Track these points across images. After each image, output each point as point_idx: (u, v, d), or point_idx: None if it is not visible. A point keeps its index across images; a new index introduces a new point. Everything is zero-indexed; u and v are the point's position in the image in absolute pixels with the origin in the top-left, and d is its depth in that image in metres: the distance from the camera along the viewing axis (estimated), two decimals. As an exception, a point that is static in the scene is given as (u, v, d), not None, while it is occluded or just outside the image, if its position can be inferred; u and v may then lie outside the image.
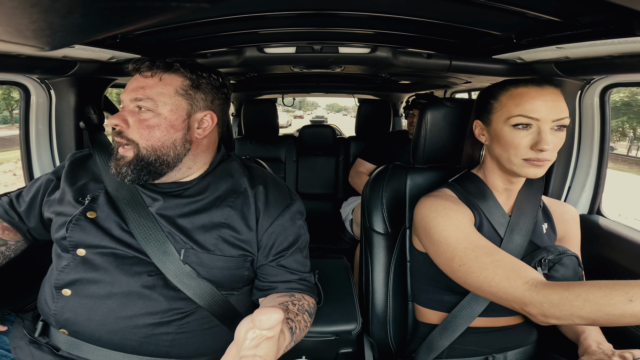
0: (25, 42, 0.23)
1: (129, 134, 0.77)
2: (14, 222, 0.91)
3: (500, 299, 0.72)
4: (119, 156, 0.79)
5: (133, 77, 0.81)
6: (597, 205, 1.28)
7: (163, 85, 0.78)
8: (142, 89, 0.77)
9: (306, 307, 0.80)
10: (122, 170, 0.78)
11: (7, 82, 1.18)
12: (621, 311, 0.58)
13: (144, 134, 0.77)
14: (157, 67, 0.78)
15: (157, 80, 0.78)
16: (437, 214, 0.82)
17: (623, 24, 0.69)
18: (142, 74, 0.79)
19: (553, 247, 0.85)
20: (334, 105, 58.55)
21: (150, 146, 0.78)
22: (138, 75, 0.79)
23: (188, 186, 0.83)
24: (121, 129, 0.77)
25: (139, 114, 0.78)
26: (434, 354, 0.90)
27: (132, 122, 0.77)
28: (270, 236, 0.84)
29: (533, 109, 0.77)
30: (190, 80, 0.80)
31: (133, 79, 0.80)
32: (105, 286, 0.75)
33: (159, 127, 0.78)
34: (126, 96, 0.78)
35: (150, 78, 0.78)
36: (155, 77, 0.78)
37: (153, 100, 0.77)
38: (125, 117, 0.77)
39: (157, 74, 0.78)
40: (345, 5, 0.88)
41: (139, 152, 0.77)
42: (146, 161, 0.78)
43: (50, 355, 0.77)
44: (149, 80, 0.78)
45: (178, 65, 0.79)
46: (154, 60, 0.79)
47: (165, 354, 0.77)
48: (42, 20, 0.19)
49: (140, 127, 0.77)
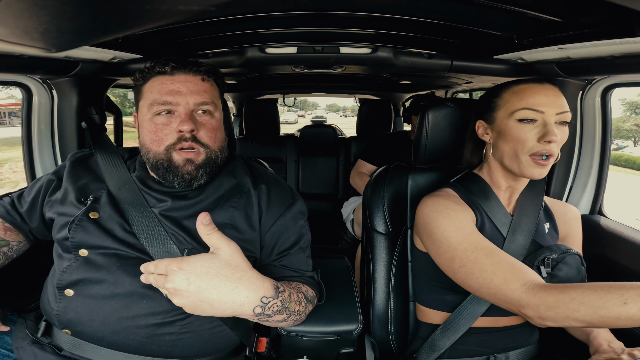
0: (33, 44, 0.23)
1: (201, 138, 0.79)
2: (15, 223, 0.91)
3: (498, 301, 0.72)
4: (187, 160, 0.78)
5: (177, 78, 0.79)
6: (598, 206, 1.28)
7: (214, 90, 0.83)
8: (206, 93, 0.80)
9: (302, 290, 0.80)
10: (198, 174, 0.79)
11: (10, 82, 1.18)
12: (616, 314, 0.58)
13: (212, 137, 0.81)
14: (212, 73, 0.83)
15: (211, 84, 0.82)
16: (439, 213, 0.82)
17: (624, 24, 0.69)
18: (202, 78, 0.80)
19: (556, 246, 0.85)
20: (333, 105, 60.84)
21: (217, 148, 0.82)
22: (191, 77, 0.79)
23: (193, 187, 0.84)
24: (195, 133, 0.78)
25: (200, 117, 0.80)
26: (436, 354, 0.90)
27: (198, 126, 0.79)
28: (272, 236, 0.84)
29: (536, 103, 0.78)
30: (224, 87, 0.87)
31: (183, 81, 0.79)
32: (108, 286, 0.75)
33: (220, 130, 0.83)
34: (186, 98, 0.78)
35: (207, 82, 0.81)
36: (210, 82, 0.82)
37: (215, 105, 0.81)
38: (195, 121, 0.78)
39: (211, 79, 0.82)
40: (346, 5, 0.88)
41: (210, 155, 0.80)
42: (215, 163, 0.82)
43: (53, 356, 0.77)
44: (206, 84, 0.81)
45: (221, 75, 0.86)
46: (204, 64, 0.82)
47: (168, 354, 0.77)
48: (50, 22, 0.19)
49: (207, 131, 0.80)
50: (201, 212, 0.80)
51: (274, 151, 2.70)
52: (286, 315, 0.72)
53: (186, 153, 0.78)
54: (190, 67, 0.80)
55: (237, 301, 0.62)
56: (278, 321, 0.73)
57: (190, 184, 0.80)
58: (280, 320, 0.72)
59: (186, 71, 0.79)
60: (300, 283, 0.83)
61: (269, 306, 0.67)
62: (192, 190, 0.83)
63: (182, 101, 0.77)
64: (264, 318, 0.68)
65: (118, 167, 0.86)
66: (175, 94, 0.77)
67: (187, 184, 0.80)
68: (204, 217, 0.62)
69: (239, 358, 0.90)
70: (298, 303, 0.76)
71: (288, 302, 0.72)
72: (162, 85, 0.78)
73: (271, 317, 0.69)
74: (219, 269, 0.61)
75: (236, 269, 0.63)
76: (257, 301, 0.64)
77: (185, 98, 0.78)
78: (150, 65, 0.80)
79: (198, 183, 0.80)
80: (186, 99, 0.78)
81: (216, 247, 0.63)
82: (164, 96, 0.77)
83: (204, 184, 0.84)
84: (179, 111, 0.78)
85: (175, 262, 0.60)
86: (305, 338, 0.89)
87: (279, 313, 0.70)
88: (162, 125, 0.78)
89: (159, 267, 0.61)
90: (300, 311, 0.76)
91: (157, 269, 0.62)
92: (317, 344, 0.91)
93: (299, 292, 0.78)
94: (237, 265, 0.63)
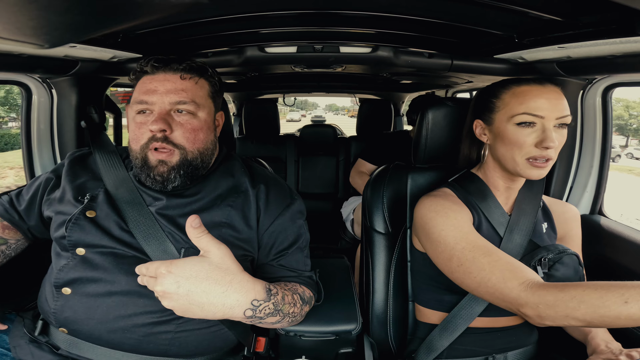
0: (25, 40, 0.23)
1: (175, 139, 0.77)
2: (14, 221, 0.91)
3: (497, 300, 0.72)
4: (160, 161, 0.77)
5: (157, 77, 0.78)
6: (598, 206, 1.27)
7: (199, 88, 0.80)
8: (184, 92, 0.77)
9: (299, 291, 0.80)
10: (170, 176, 0.77)
11: (9, 81, 1.18)
12: (616, 313, 0.58)
13: (190, 138, 0.78)
14: (195, 70, 0.80)
15: (193, 83, 0.79)
16: (436, 213, 0.82)
17: (625, 24, 0.69)
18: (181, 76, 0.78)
19: (553, 246, 0.84)
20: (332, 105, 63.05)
21: (196, 149, 0.79)
22: (170, 76, 0.78)
23: (190, 185, 0.83)
24: (167, 133, 0.76)
25: (178, 117, 0.77)
26: (434, 354, 0.90)
27: (173, 126, 0.77)
28: (270, 235, 0.84)
29: (537, 107, 0.77)
30: (215, 85, 0.84)
31: (162, 80, 0.77)
32: (105, 285, 0.75)
33: (201, 130, 0.80)
34: (162, 98, 0.76)
35: (188, 81, 0.79)
36: (192, 80, 0.79)
37: (195, 103, 0.78)
38: (168, 121, 0.76)
39: (194, 77, 0.79)
40: (346, 4, 0.88)
41: (186, 156, 0.78)
42: (193, 165, 0.79)
43: (50, 354, 0.77)
44: (187, 82, 0.78)
45: (211, 72, 0.83)
46: (187, 62, 0.79)
47: (164, 353, 0.77)
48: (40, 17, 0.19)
49: (185, 131, 0.77)
50: (198, 210, 0.80)
51: (274, 151, 2.70)
52: (280, 317, 0.72)
53: (159, 154, 0.76)
54: (172, 65, 0.78)
55: (227, 304, 0.62)
56: (272, 323, 0.72)
57: (164, 185, 0.78)
58: (273, 322, 0.72)
59: (166, 69, 0.78)
60: (298, 284, 0.83)
61: (260, 309, 0.66)
62: (188, 189, 0.83)
63: (157, 100, 0.76)
64: (257, 320, 0.68)
65: (116, 166, 0.86)
66: (151, 93, 0.76)
67: (159, 185, 0.78)
68: (193, 219, 0.60)
69: (237, 358, 0.89)
70: (293, 305, 0.75)
71: (281, 304, 0.72)
72: (143, 84, 0.78)
73: (264, 320, 0.69)
74: (208, 272, 0.60)
75: (226, 272, 0.62)
76: (247, 304, 0.64)
77: (161, 97, 0.76)
78: (139, 65, 0.80)
79: (172, 185, 0.78)
80: (162, 98, 0.76)
81: (206, 250, 0.62)
82: (142, 95, 0.77)
83: (204, 184, 0.84)
84: (154, 110, 0.77)
85: (165, 265, 0.60)
86: (303, 338, 0.89)
87: (271, 315, 0.69)
88: (139, 124, 0.77)
89: (149, 270, 0.61)
90: (295, 313, 0.76)
91: (148, 271, 0.61)
92: (315, 344, 0.91)
93: (294, 293, 0.77)
94: (227, 268, 0.62)
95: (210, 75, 0.83)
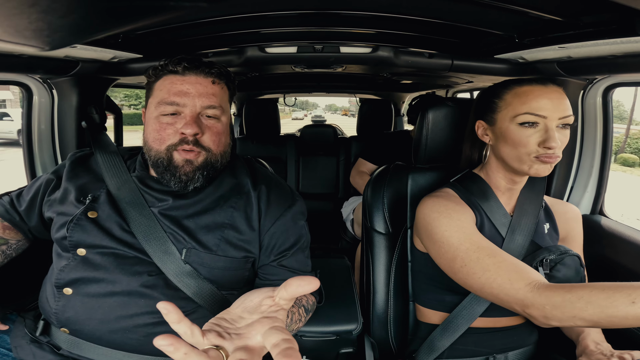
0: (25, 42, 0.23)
1: (204, 142, 0.78)
2: (14, 222, 0.92)
3: (501, 301, 0.72)
4: (186, 161, 0.77)
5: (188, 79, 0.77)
6: (599, 206, 1.27)
7: (224, 93, 0.82)
8: (214, 97, 0.78)
9: (303, 302, 0.80)
10: (195, 176, 0.78)
11: (10, 82, 1.18)
12: (624, 313, 0.58)
13: (216, 141, 0.79)
14: (224, 76, 0.81)
15: (220, 88, 0.81)
16: (440, 214, 0.82)
17: (626, 24, 0.69)
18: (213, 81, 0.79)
19: (554, 247, 0.84)
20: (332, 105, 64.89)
21: (220, 152, 0.81)
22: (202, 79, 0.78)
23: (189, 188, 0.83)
24: (198, 137, 0.77)
25: (206, 120, 0.78)
26: (435, 354, 0.90)
27: (203, 129, 0.78)
28: (272, 236, 0.84)
29: (539, 107, 0.77)
30: (234, 90, 0.86)
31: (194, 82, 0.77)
32: (107, 285, 0.75)
33: (224, 134, 0.82)
34: (193, 101, 0.76)
35: (217, 85, 0.80)
36: (220, 85, 0.80)
37: (222, 108, 0.80)
38: (200, 124, 0.77)
39: (222, 83, 0.81)
40: (346, 4, 0.88)
41: (210, 158, 0.79)
42: (214, 167, 0.80)
43: (51, 355, 0.78)
44: (216, 87, 0.80)
45: (233, 77, 0.84)
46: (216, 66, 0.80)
47: (164, 354, 0.77)
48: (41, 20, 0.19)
49: (212, 134, 0.78)
50: (201, 211, 0.80)
51: (274, 151, 2.70)
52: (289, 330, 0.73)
53: (186, 153, 0.77)
54: (202, 68, 0.78)
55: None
56: None
57: (187, 185, 0.79)
58: None
59: (197, 72, 0.78)
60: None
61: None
62: (191, 190, 0.83)
63: (189, 103, 0.76)
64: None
65: (118, 166, 0.86)
66: (183, 95, 0.76)
67: (183, 184, 0.79)
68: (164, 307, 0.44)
69: (238, 358, 0.89)
70: (299, 321, 0.76)
71: (290, 325, 0.72)
72: (172, 84, 0.77)
73: None
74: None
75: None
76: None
77: (193, 100, 0.76)
78: (164, 63, 0.79)
79: (194, 185, 0.79)
80: (194, 101, 0.76)
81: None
82: (172, 96, 0.76)
83: (207, 184, 0.84)
84: (185, 113, 0.77)
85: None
86: (304, 338, 0.89)
87: None
88: (166, 125, 0.77)
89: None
90: (300, 326, 0.77)
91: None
92: (316, 344, 0.91)
93: (300, 307, 0.78)
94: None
95: (232, 81, 0.85)
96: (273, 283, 0.85)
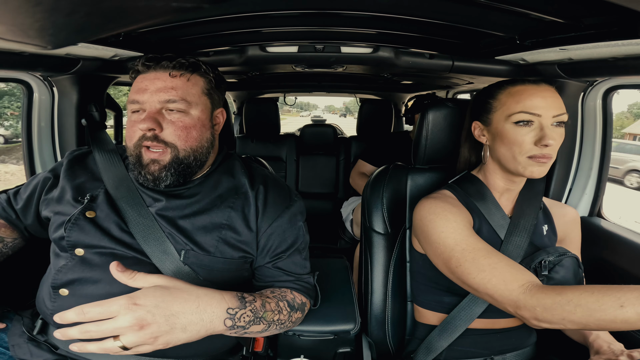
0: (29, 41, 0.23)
1: (165, 137, 0.76)
2: (10, 220, 0.91)
3: (495, 301, 0.72)
4: (152, 160, 0.77)
5: (148, 76, 0.78)
6: (597, 208, 1.27)
7: (191, 85, 0.79)
8: (174, 90, 0.76)
9: (287, 298, 0.79)
10: (162, 174, 0.77)
11: (10, 79, 1.18)
12: (612, 317, 0.58)
13: (182, 136, 0.77)
14: (186, 67, 0.78)
15: (185, 80, 0.78)
16: (436, 215, 0.82)
17: (627, 26, 0.69)
18: (170, 74, 0.77)
19: (553, 249, 0.84)
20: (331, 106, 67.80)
21: (189, 147, 0.78)
22: (160, 74, 0.77)
23: (189, 185, 0.83)
24: (157, 132, 0.75)
25: (169, 115, 0.77)
26: (433, 355, 0.90)
27: (164, 125, 0.76)
28: (268, 238, 0.83)
29: (533, 105, 0.78)
30: (211, 81, 0.82)
31: (152, 78, 0.77)
32: (104, 286, 0.75)
33: (194, 128, 0.79)
34: (151, 97, 0.76)
35: (179, 78, 0.78)
36: (183, 78, 0.78)
37: (186, 101, 0.77)
38: (158, 120, 0.76)
39: (185, 75, 0.78)
40: (347, 5, 0.88)
41: (177, 154, 0.77)
42: (185, 163, 0.78)
43: (49, 354, 0.77)
44: (177, 80, 0.77)
45: (204, 68, 0.81)
46: (179, 59, 0.78)
47: (163, 354, 0.76)
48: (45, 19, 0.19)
49: (176, 129, 0.77)
50: (198, 212, 0.80)
51: (274, 150, 2.70)
52: (264, 325, 0.72)
53: (151, 153, 0.77)
54: (162, 63, 0.78)
55: (205, 319, 0.62)
56: (258, 332, 0.72)
57: (156, 183, 0.78)
58: (259, 330, 0.72)
59: (157, 68, 0.78)
60: (288, 290, 0.82)
61: (237, 317, 0.66)
62: (188, 189, 0.83)
63: (147, 99, 0.76)
64: (240, 330, 0.68)
65: (116, 165, 0.85)
66: (142, 92, 0.76)
67: (151, 183, 0.78)
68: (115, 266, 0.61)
69: (235, 357, 0.89)
70: (277, 312, 0.75)
71: (262, 312, 0.71)
72: (136, 83, 0.79)
73: (247, 329, 0.69)
74: (172, 295, 0.60)
75: (186, 290, 0.62)
76: (223, 313, 0.64)
77: (151, 96, 0.76)
78: (134, 64, 0.80)
79: (164, 183, 0.78)
80: (151, 97, 0.76)
81: (151, 282, 0.61)
82: (134, 95, 0.77)
83: (204, 184, 0.84)
84: (145, 109, 0.77)
85: (126, 299, 0.58)
86: (302, 337, 0.89)
87: (254, 323, 0.69)
88: (133, 122, 0.78)
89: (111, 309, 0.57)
90: (282, 320, 0.76)
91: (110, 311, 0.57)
92: (314, 344, 0.91)
93: (280, 300, 0.77)
94: (183, 287, 0.62)
95: (204, 72, 0.81)
96: (268, 284, 0.84)
